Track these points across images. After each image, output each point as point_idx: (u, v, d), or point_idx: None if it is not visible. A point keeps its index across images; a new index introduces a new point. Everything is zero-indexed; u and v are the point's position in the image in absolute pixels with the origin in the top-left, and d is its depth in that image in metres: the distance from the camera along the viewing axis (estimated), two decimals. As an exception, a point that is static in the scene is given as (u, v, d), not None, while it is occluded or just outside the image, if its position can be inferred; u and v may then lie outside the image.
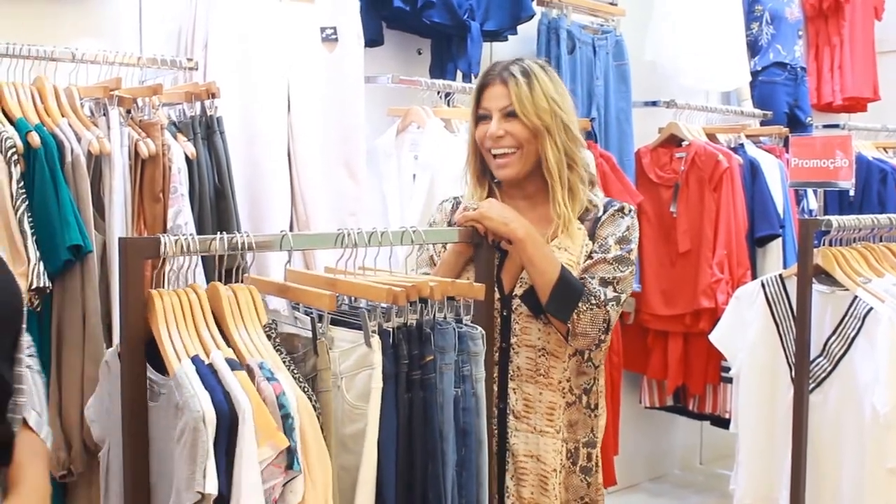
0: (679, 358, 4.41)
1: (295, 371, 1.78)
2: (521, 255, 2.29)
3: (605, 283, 2.31)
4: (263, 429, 1.59)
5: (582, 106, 4.10)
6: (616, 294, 2.31)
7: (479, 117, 2.41)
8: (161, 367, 1.73)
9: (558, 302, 2.26)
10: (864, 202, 4.82)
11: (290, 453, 1.62)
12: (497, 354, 2.35)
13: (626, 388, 4.48)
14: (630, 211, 2.43)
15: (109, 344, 2.56)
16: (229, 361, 1.67)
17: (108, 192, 2.57)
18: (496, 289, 2.34)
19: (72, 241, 2.40)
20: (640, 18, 4.63)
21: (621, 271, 2.33)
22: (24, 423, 1.60)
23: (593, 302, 2.28)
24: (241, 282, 1.87)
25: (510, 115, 2.36)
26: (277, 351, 1.78)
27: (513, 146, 2.36)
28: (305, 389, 1.74)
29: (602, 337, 2.30)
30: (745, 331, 2.85)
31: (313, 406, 1.72)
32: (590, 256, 2.35)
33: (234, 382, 1.62)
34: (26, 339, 1.87)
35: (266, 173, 3.11)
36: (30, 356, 1.87)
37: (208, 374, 1.63)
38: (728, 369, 3.57)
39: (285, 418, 1.62)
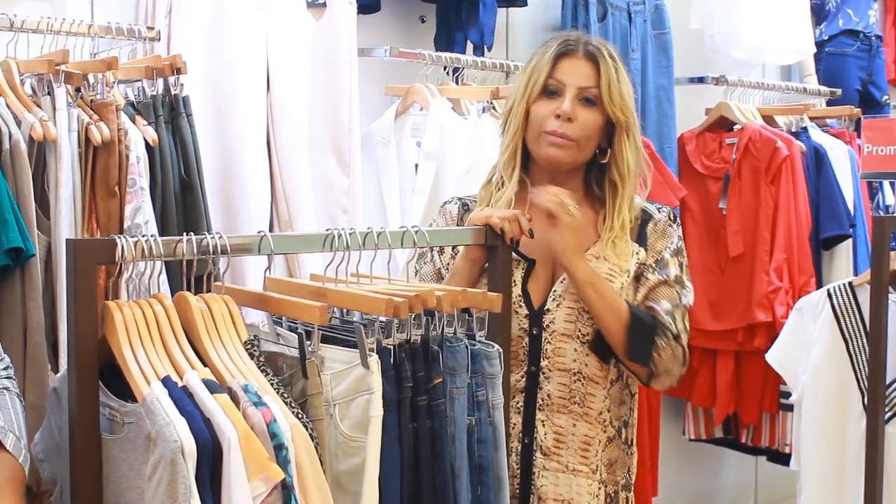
0: (730, 381, 4.41)
1: (286, 395, 1.79)
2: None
3: (672, 310, 2.36)
4: (253, 459, 1.60)
5: (614, 83, 4.10)
6: (685, 324, 2.38)
7: (547, 90, 2.34)
8: (122, 393, 1.74)
9: (638, 343, 2.30)
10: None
11: (287, 489, 1.62)
12: (524, 380, 2.36)
13: (666, 416, 4.49)
14: (676, 217, 2.45)
15: (55, 366, 2.57)
16: (207, 383, 1.68)
17: (54, 185, 2.58)
18: (523, 303, 2.35)
19: (10, 244, 2.41)
20: (684, -21, 4.65)
21: (685, 295, 2.38)
22: (1, 446, 1.75)
23: (670, 336, 2.34)
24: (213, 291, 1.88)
25: (588, 100, 2.33)
26: (263, 372, 1.79)
27: (576, 137, 2.32)
28: (300, 416, 1.75)
29: (682, 372, 2.37)
30: (808, 349, 2.87)
31: (310, 435, 1.73)
32: (641, 271, 2.36)
33: (215, 407, 1.63)
34: (3, 361, 1.93)
35: (241, 163, 3.12)
36: (7, 378, 1.90)
37: (183, 398, 1.64)
38: (788, 395, 3.57)
39: (278, 449, 1.63)
